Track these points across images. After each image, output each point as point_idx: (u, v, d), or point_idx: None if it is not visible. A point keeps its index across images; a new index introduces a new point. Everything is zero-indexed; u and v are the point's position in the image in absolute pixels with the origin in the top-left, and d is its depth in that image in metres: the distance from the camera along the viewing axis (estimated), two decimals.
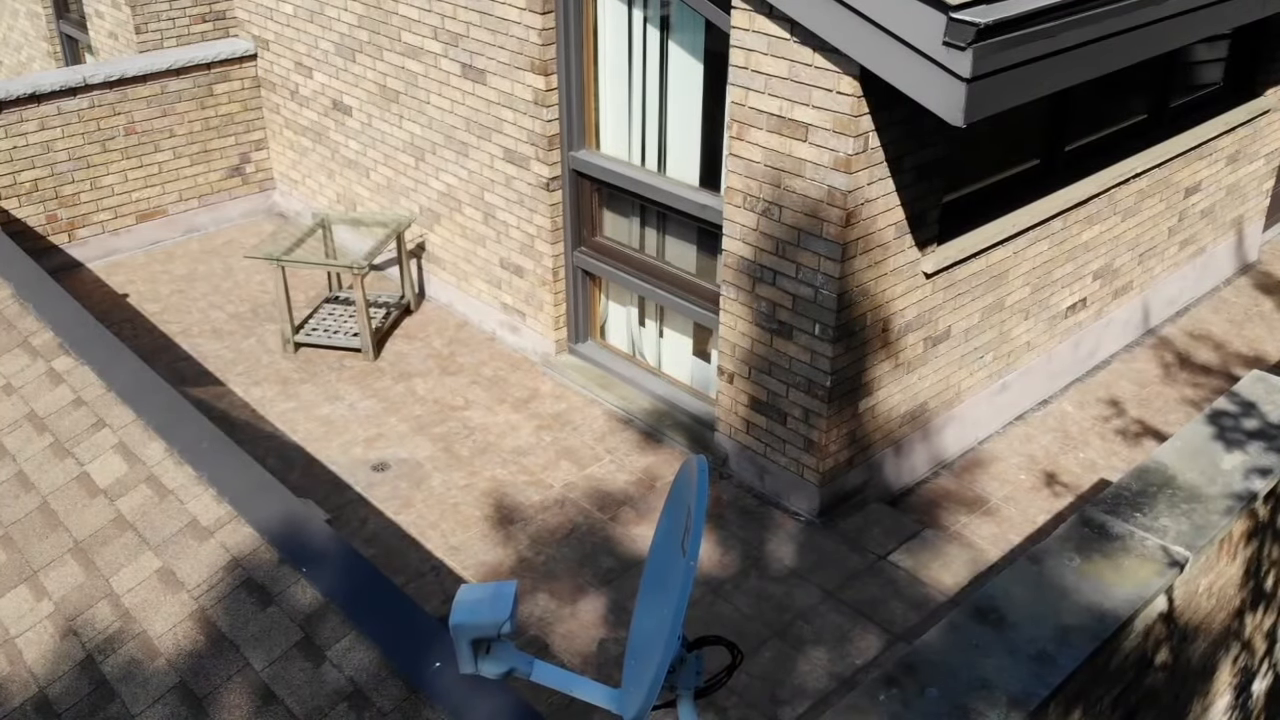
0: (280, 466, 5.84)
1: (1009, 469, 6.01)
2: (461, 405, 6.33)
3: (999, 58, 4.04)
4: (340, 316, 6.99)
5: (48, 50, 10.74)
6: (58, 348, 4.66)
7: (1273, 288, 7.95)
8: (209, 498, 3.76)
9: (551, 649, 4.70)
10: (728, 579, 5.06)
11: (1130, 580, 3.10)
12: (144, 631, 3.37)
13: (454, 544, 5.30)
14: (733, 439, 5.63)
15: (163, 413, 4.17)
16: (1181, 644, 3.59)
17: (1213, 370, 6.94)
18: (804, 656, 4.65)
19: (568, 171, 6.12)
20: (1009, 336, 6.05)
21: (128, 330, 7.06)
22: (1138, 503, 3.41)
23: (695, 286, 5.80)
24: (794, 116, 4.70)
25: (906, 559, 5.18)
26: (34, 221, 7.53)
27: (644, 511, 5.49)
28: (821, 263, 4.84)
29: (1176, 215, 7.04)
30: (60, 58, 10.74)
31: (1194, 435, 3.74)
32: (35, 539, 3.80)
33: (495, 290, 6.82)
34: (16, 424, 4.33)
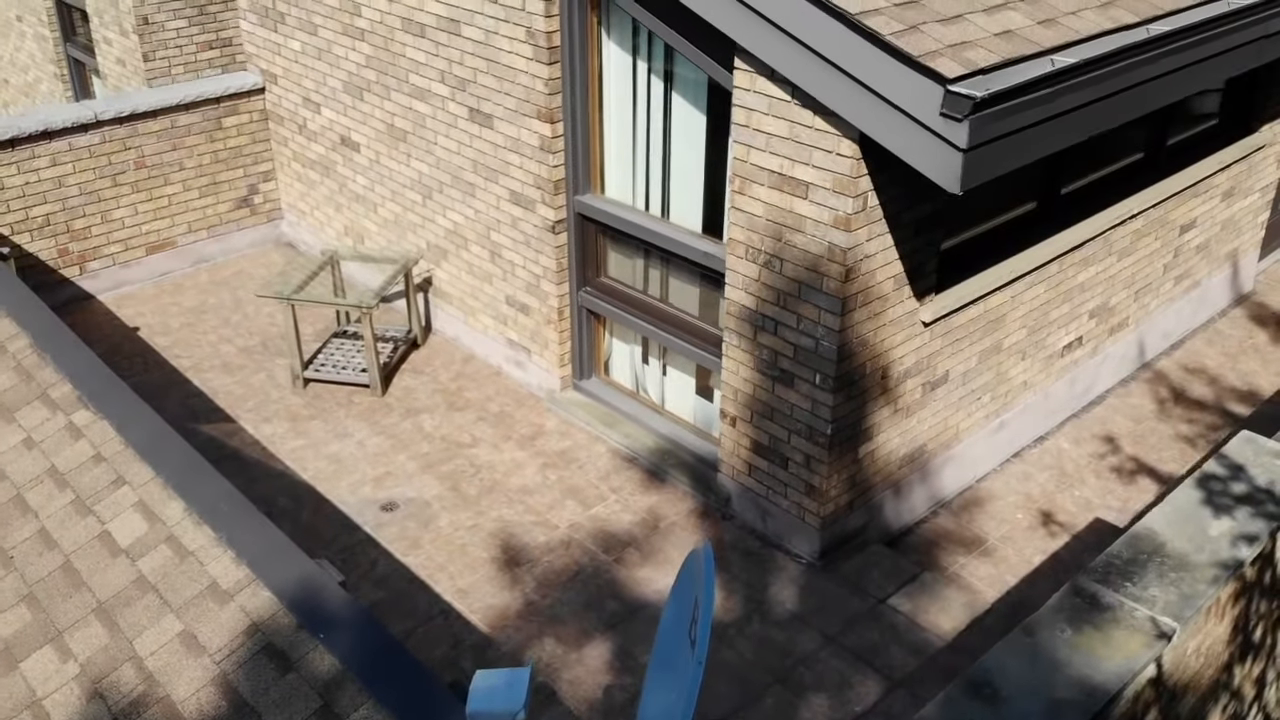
0: (291, 506, 5.96)
1: (1006, 508, 6.12)
2: (468, 443, 6.44)
3: (995, 127, 4.15)
4: (349, 351, 7.11)
5: (55, 73, 10.85)
6: (76, 401, 4.77)
7: (1267, 319, 8.06)
8: (228, 560, 3.87)
9: (559, 695, 4.82)
10: (731, 624, 5.17)
11: (1120, 652, 3.22)
12: (168, 696, 3.48)
13: (462, 586, 5.41)
14: (735, 480, 5.75)
15: (181, 471, 4.29)
16: (1170, 703, 3.70)
17: (1207, 405, 7.05)
18: (805, 703, 4.77)
19: (573, 215, 6.23)
20: (1006, 377, 6.17)
21: (139, 365, 7.17)
22: (1128, 571, 3.52)
23: (698, 329, 5.91)
24: (794, 175, 4.81)
25: (905, 603, 5.30)
26: (46, 255, 7.65)
27: (648, 554, 5.60)
28: (822, 315, 4.95)
29: (1172, 252, 7.15)
30: (67, 80, 10.85)
31: (1183, 500, 3.86)
32: (59, 599, 3.92)
33: (501, 326, 6.94)
34: (38, 480, 4.45)
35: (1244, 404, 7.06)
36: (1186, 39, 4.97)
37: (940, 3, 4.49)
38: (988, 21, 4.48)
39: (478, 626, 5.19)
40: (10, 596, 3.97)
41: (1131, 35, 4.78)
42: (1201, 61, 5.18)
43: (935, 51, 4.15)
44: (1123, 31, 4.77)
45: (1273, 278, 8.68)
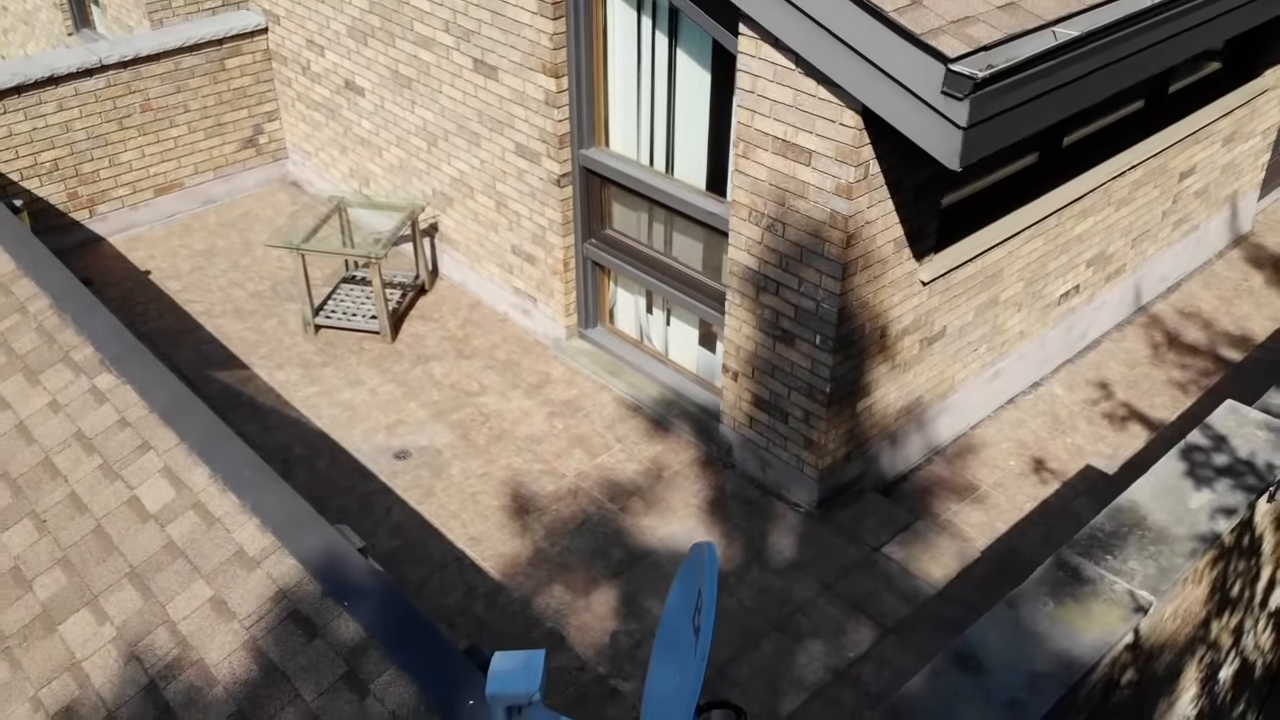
0: (308, 454, 6.15)
1: (999, 454, 6.31)
2: (477, 391, 6.61)
3: (996, 103, 4.22)
4: (358, 298, 7.23)
5: (54, 2, 10.75)
6: (99, 364, 4.92)
7: (1263, 261, 8.15)
8: (253, 527, 4.06)
9: (568, 641, 5.06)
10: (732, 572, 5.40)
11: (1098, 625, 3.42)
12: (201, 659, 3.71)
13: (474, 534, 5.63)
14: (737, 431, 5.93)
15: (204, 437, 4.45)
16: (1147, 663, 3.92)
17: (1200, 350, 7.19)
18: (802, 649, 5.02)
19: (578, 168, 6.30)
20: (1002, 328, 6.30)
21: (152, 310, 7.31)
22: (1109, 544, 3.71)
23: (702, 285, 6.03)
24: (798, 142, 4.88)
25: (899, 551, 5.52)
26: (55, 199, 7.72)
27: (652, 502, 5.81)
28: (823, 279, 5.07)
29: (1171, 199, 7.22)
30: (66, 9, 10.76)
31: (1166, 471, 4.03)
32: (93, 563, 4.12)
33: (507, 274, 7.05)
34: (66, 443, 4.62)
35: (1237, 349, 7.20)
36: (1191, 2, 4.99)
37: None
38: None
39: (490, 573, 5.41)
40: (45, 560, 4.18)
41: (1137, 1, 4.81)
42: (1206, 23, 5.20)
43: (938, 29, 4.20)
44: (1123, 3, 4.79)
45: (1271, 218, 8.74)
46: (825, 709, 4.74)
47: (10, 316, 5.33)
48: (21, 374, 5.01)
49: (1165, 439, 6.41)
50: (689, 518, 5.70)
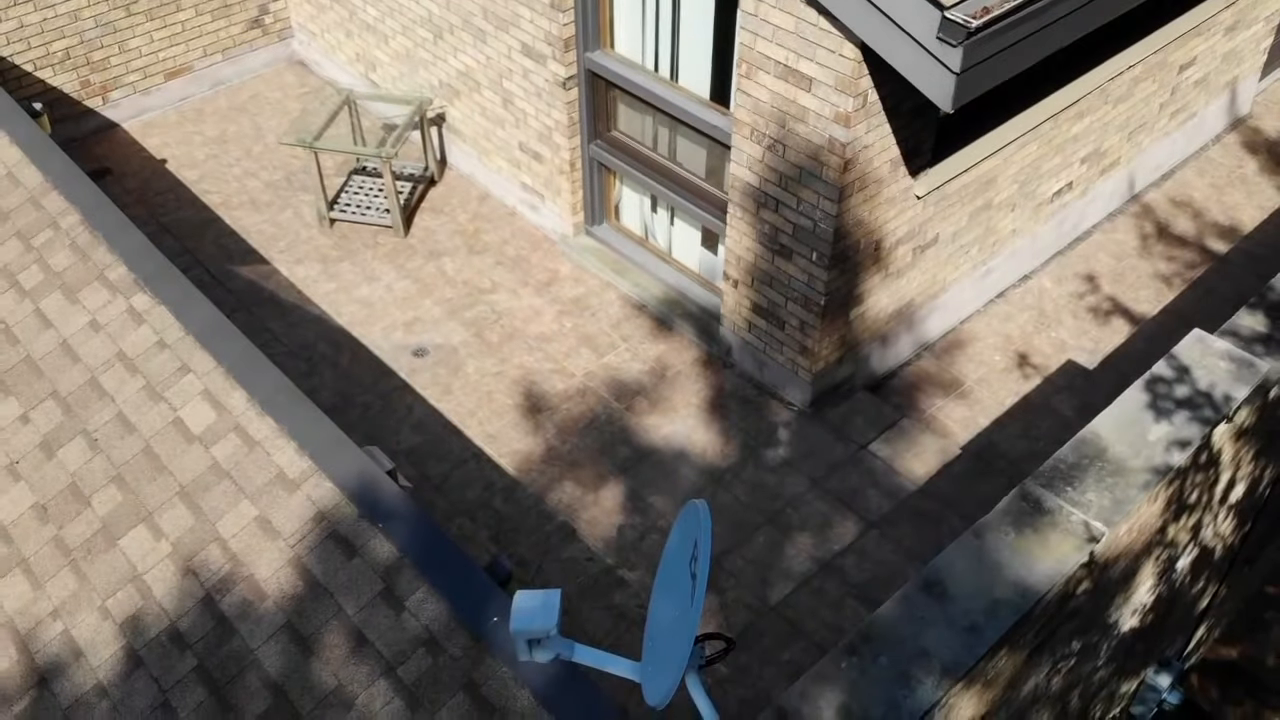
0: (331, 352, 6.49)
1: (985, 349, 6.64)
2: (488, 288, 6.90)
3: (988, 48, 4.36)
4: (370, 191, 7.43)
5: None
6: (134, 284, 5.21)
7: (1258, 146, 8.27)
8: (292, 451, 4.44)
9: (578, 534, 5.52)
10: (728, 469, 5.82)
11: (1053, 555, 3.83)
12: (252, 575, 4.14)
13: (490, 432, 6.03)
14: (736, 334, 6.24)
15: (240, 361, 4.78)
16: (1103, 573, 4.35)
17: (1188, 242, 7.42)
18: (791, 542, 5.48)
19: (583, 71, 6.40)
20: (995, 229, 6.53)
21: (171, 202, 7.52)
22: (1070, 476, 4.08)
23: (705, 192, 6.23)
24: (799, 68, 5.02)
25: (884, 448, 5.92)
26: (69, 89, 7.83)
27: (655, 401, 6.18)
28: (820, 200, 5.29)
29: (1169, 91, 7.31)
30: None
31: (1130, 403, 4.36)
32: (145, 481, 4.52)
33: (515, 170, 7.23)
34: (109, 363, 4.96)
35: (1224, 240, 7.43)
36: None
37: None
38: None
39: (506, 470, 5.84)
40: (101, 477, 4.58)
41: None
42: None
43: None
44: None
45: (1271, 98, 8.79)
46: (810, 598, 5.23)
47: (43, 232, 5.59)
48: (60, 291, 5.31)
49: (1145, 334, 6.72)
50: (690, 416, 6.09)
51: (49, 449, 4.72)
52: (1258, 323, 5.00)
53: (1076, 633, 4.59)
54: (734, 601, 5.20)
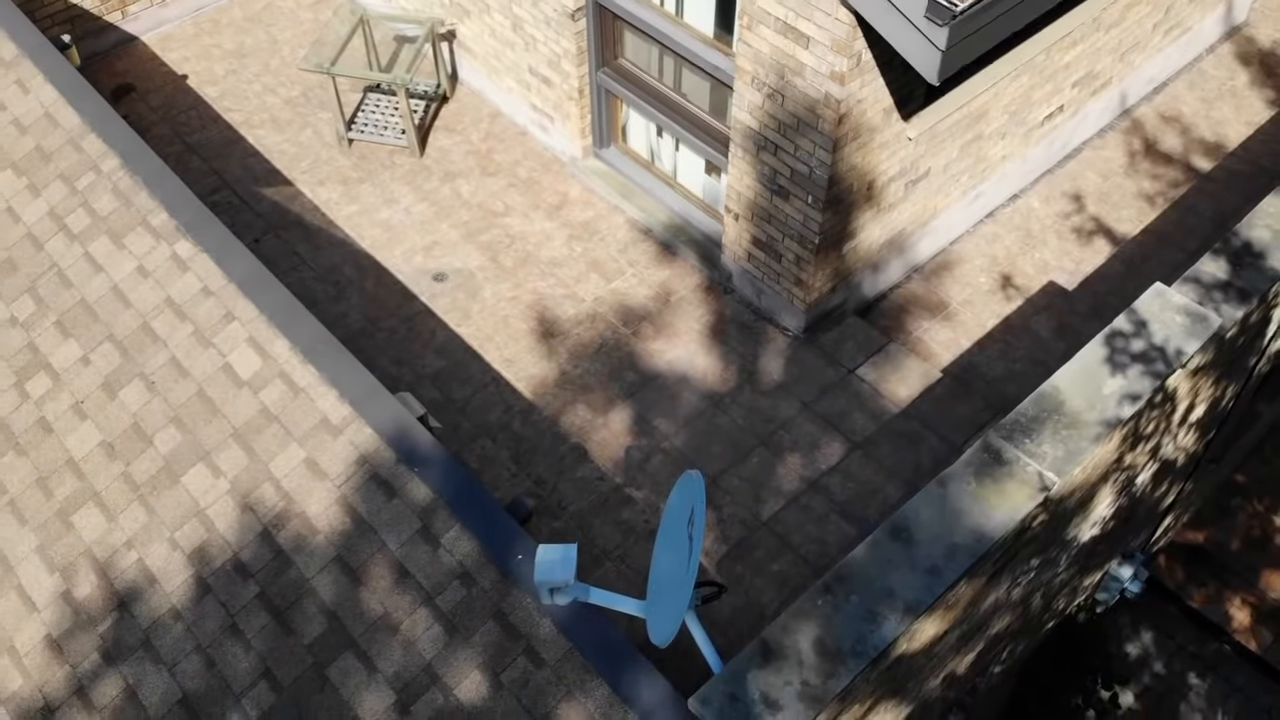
0: (356, 276, 6.91)
1: (971, 271, 7.04)
2: (502, 211, 7.26)
3: (973, 23, 4.63)
4: (385, 109, 7.71)
5: None
6: (175, 230, 5.60)
7: (1251, 57, 8.44)
8: (333, 398, 4.93)
9: (590, 455, 6.06)
10: (726, 393, 6.31)
11: (1009, 502, 4.34)
12: (304, 512, 4.69)
13: (507, 356, 6.51)
14: (736, 263, 6.64)
15: (281, 310, 5.22)
16: (1058, 506, 4.88)
17: (1173, 159, 7.71)
18: (782, 462, 6.02)
19: (591, 3, 6.60)
20: (985, 157, 6.83)
21: (195, 121, 7.81)
22: (1029, 429, 4.56)
23: (708, 126, 6.52)
24: (797, 26, 5.27)
25: (871, 372, 6.40)
26: (89, 4, 8.01)
27: (660, 327, 6.63)
28: (816, 149, 5.62)
29: (1163, 10, 7.47)
30: None
31: (1089, 356, 4.80)
32: (201, 423, 5.03)
33: (525, 91, 7.48)
34: (159, 309, 5.40)
35: (1209, 157, 7.71)
36: None
37: None
38: None
39: (523, 393, 6.34)
40: (160, 418, 5.08)
41: None
42: None
43: None
44: None
45: (1269, 3, 8.89)
46: (798, 514, 5.80)
47: (86, 175, 5.95)
48: (107, 236, 5.71)
49: (1124, 255, 7.10)
50: (692, 342, 6.55)
51: (111, 390, 5.22)
52: (1219, 269, 5.39)
53: (1035, 553, 5.15)
54: (729, 517, 5.77)
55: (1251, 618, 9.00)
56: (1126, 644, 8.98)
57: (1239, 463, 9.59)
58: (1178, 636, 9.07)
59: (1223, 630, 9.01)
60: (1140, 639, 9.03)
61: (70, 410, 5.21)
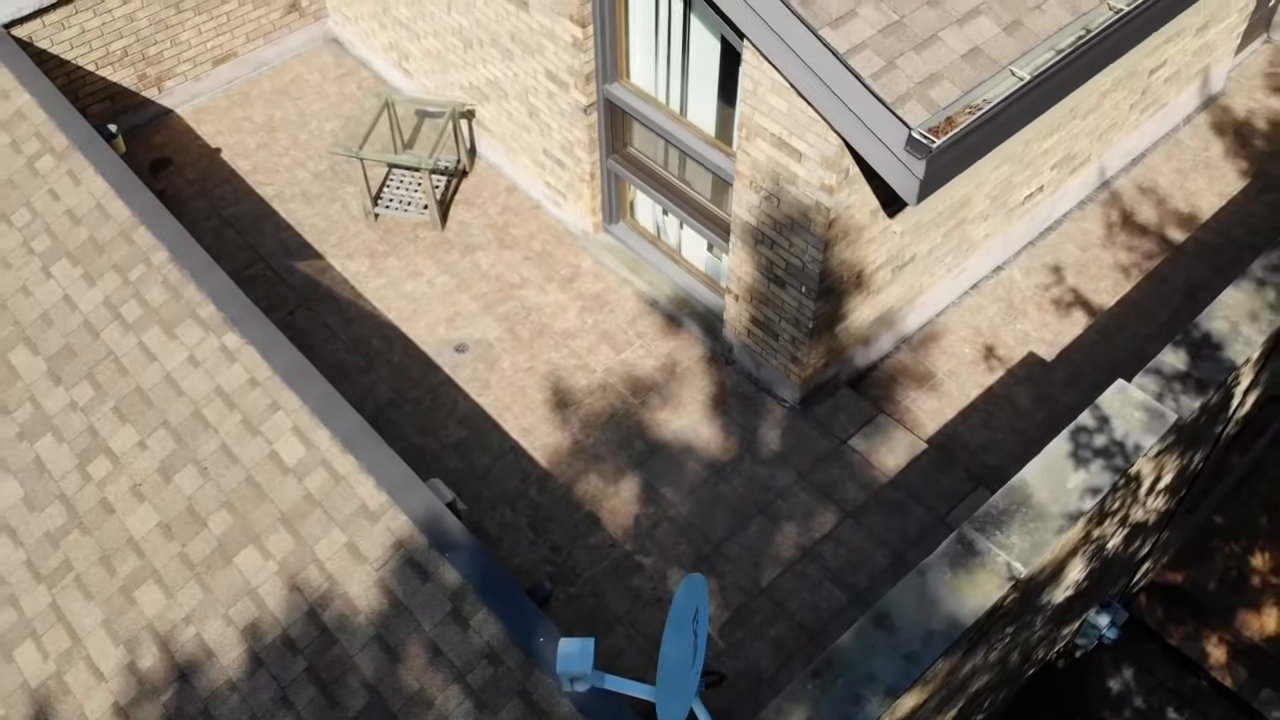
0: (384, 348, 7.42)
1: (956, 341, 7.53)
2: (518, 283, 7.76)
3: (948, 155, 5.13)
4: (409, 185, 8.21)
5: None
6: (223, 323, 6.11)
7: (1226, 127, 8.92)
8: (371, 486, 5.44)
9: (602, 522, 6.57)
10: (728, 463, 6.82)
11: (980, 591, 4.84)
12: (346, 593, 5.20)
13: (525, 426, 7.02)
14: (737, 338, 7.14)
15: (322, 401, 5.73)
16: (1029, 585, 5.38)
17: (1149, 231, 8.19)
18: (779, 530, 6.53)
19: (602, 99, 7.10)
20: (968, 238, 7.33)
21: (230, 195, 8.32)
22: (1000, 521, 5.06)
23: (711, 213, 7.02)
24: (791, 142, 5.77)
25: (862, 443, 6.90)
26: (127, 82, 8.52)
27: (666, 397, 7.14)
28: (809, 248, 6.12)
29: (1140, 92, 7.95)
30: None
31: (1055, 452, 5.30)
32: (251, 507, 5.54)
33: (539, 170, 7.98)
34: (209, 398, 5.92)
35: (1182, 229, 8.20)
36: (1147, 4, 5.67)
37: (919, 21, 5.25)
38: (958, 39, 5.26)
39: (539, 462, 6.85)
40: (213, 502, 5.60)
41: (1094, 16, 5.53)
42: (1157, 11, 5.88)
43: (906, 94, 5.03)
44: (1083, 18, 5.51)
45: (1245, 72, 9.37)
46: (794, 581, 6.31)
47: (137, 266, 6.46)
48: (159, 326, 6.22)
49: (1100, 326, 7.59)
50: (696, 412, 7.06)
51: (166, 474, 5.73)
52: (1179, 361, 5.89)
53: (1009, 623, 5.66)
54: (731, 584, 6.28)
55: (1227, 655, 9.49)
56: (1108, 679, 9.49)
57: (1217, 505, 10.07)
58: (1157, 673, 9.57)
59: (1200, 667, 9.51)
60: (1121, 675, 9.54)
61: (129, 492, 5.72)
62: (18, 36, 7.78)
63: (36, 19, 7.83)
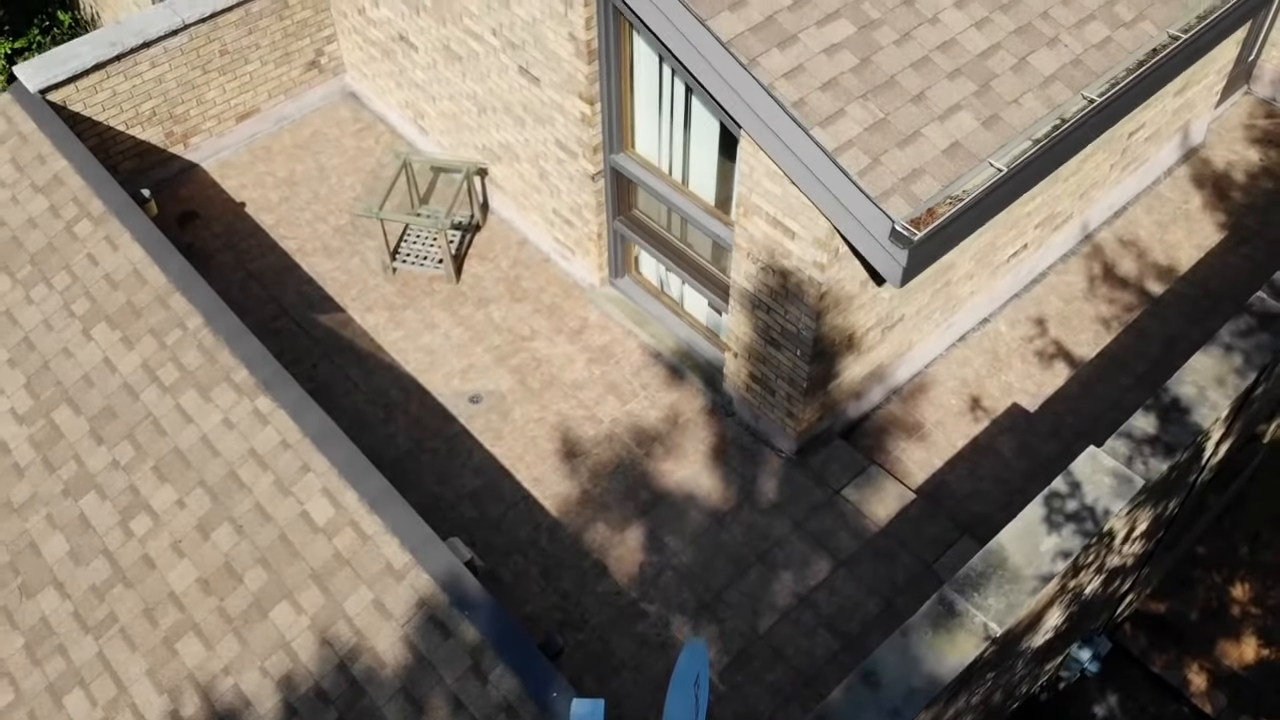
0: (402, 399, 7.85)
1: (944, 393, 7.95)
2: (529, 335, 8.18)
3: (931, 244, 5.54)
4: (425, 240, 8.64)
5: None
6: (255, 387, 6.53)
7: (1205, 180, 9.32)
8: (395, 545, 5.86)
9: (609, 570, 6.99)
10: (728, 512, 7.24)
11: (958, 650, 5.26)
12: (373, 647, 5.63)
13: (535, 476, 7.44)
14: (736, 391, 7.56)
15: (349, 464, 6.15)
16: (1006, 638, 5.80)
17: (1129, 283, 8.60)
18: (776, 578, 6.94)
19: (608, 168, 7.52)
20: (955, 296, 7.74)
21: (255, 249, 8.75)
22: (978, 583, 5.47)
23: (711, 275, 7.44)
24: (785, 222, 6.19)
25: (854, 493, 7.32)
26: (155, 140, 8.95)
27: (670, 448, 7.56)
28: (802, 317, 6.53)
29: (1120, 153, 8.36)
30: None
31: (1030, 516, 5.71)
32: (284, 564, 5.97)
33: (549, 226, 8.40)
34: (244, 459, 6.34)
35: (1161, 281, 8.60)
36: (1119, 93, 6.08)
37: (903, 117, 5.66)
38: (939, 134, 5.66)
39: (549, 511, 7.28)
40: (248, 559, 6.02)
41: (1068, 106, 5.94)
42: (1129, 98, 6.29)
43: (890, 189, 5.45)
44: (1058, 109, 5.92)
45: (1226, 124, 9.76)
46: (790, 627, 6.73)
47: (173, 331, 6.88)
48: (195, 389, 6.64)
49: (1081, 378, 8.00)
50: (697, 462, 7.48)
51: (204, 531, 6.16)
52: (1149, 425, 6.30)
53: (989, 671, 6.08)
54: (731, 630, 6.71)
55: (1208, 682, 9.91)
56: (1093, 705, 9.90)
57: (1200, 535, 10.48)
58: (1140, 699, 9.99)
59: (1181, 694, 9.92)
60: (1106, 701, 9.95)
61: (169, 548, 6.15)
62: (53, 101, 8.21)
63: (70, 84, 8.26)
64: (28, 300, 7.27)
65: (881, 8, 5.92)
